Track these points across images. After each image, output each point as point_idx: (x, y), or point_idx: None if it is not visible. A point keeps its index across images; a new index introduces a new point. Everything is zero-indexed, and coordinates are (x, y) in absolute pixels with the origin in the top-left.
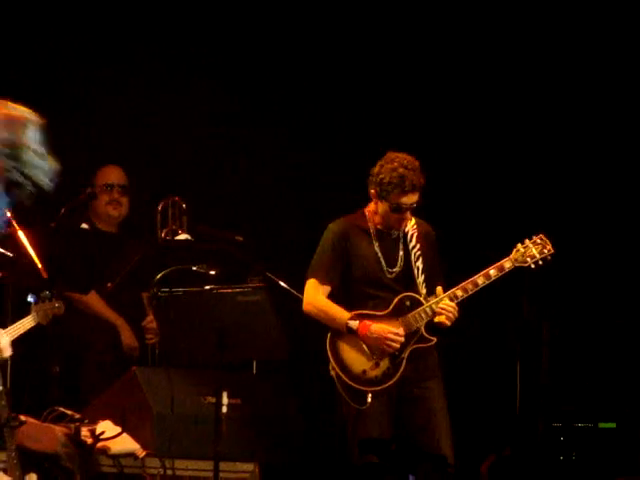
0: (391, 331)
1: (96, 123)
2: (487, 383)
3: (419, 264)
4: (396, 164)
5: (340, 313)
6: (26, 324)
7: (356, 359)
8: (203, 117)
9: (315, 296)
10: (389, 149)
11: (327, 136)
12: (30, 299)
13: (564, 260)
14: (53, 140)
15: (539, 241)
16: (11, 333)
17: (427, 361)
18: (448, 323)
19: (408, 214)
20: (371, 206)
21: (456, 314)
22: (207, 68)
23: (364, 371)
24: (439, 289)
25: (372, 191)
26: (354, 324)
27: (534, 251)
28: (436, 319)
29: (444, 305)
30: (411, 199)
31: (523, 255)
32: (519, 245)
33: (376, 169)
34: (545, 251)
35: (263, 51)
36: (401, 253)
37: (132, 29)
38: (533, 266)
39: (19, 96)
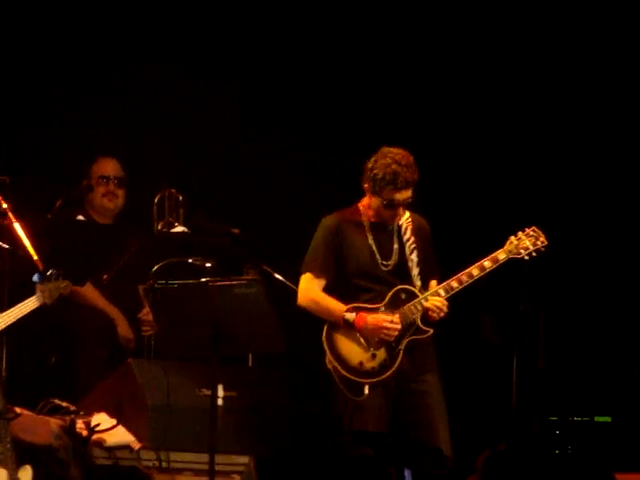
0: (387, 320)
1: (93, 115)
2: (483, 377)
3: (413, 257)
4: (389, 160)
5: (336, 305)
6: (30, 305)
7: (353, 351)
8: (200, 110)
9: (310, 289)
10: (384, 143)
11: (323, 130)
12: (35, 278)
13: (559, 256)
14: (51, 132)
15: (532, 233)
16: (14, 314)
17: (424, 353)
18: (436, 317)
19: (401, 209)
20: (365, 200)
21: (445, 309)
22: (204, 63)
23: (361, 363)
24: (433, 283)
25: (365, 185)
26: (351, 316)
27: (527, 243)
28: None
29: (432, 301)
30: (404, 195)
31: (517, 247)
32: (512, 237)
33: (370, 164)
34: (538, 243)
35: (254, 42)
36: (396, 246)
37: (133, 27)
38: (527, 258)
39: (19, 88)
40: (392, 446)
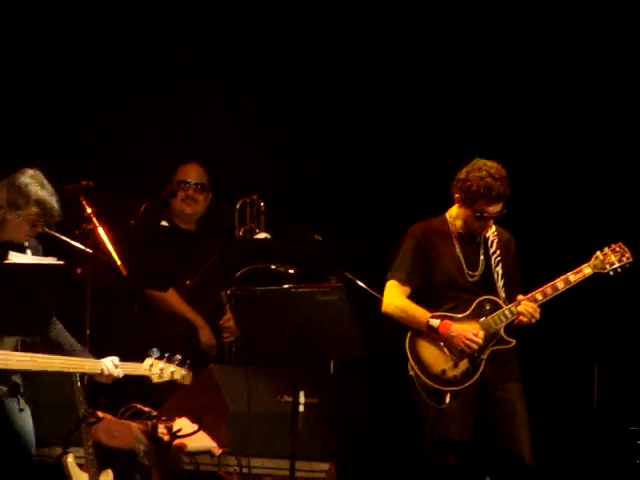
0: (471, 331)
1: (180, 121)
2: (565, 386)
3: (499, 269)
4: (484, 173)
5: (421, 312)
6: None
7: (435, 359)
8: (286, 117)
9: (396, 296)
10: (470, 153)
11: (409, 137)
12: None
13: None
14: (137, 137)
15: (618, 249)
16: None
17: (507, 362)
18: (527, 323)
19: (491, 221)
20: (453, 210)
21: (537, 315)
22: (288, 69)
23: (443, 371)
24: (520, 297)
25: (457, 196)
26: (435, 323)
27: (613, 258)
28: (516, 321)
29: (524, 306)
30: (496, 208)
31: (602, 262)
32: (598, 252)
33: (463, 175)
34: (624, 259)
35: (344, 54)
36: (482, 257)
37: (213, 31)
38: (612, 273)
39: (103, 95)
40: (473, 454)
